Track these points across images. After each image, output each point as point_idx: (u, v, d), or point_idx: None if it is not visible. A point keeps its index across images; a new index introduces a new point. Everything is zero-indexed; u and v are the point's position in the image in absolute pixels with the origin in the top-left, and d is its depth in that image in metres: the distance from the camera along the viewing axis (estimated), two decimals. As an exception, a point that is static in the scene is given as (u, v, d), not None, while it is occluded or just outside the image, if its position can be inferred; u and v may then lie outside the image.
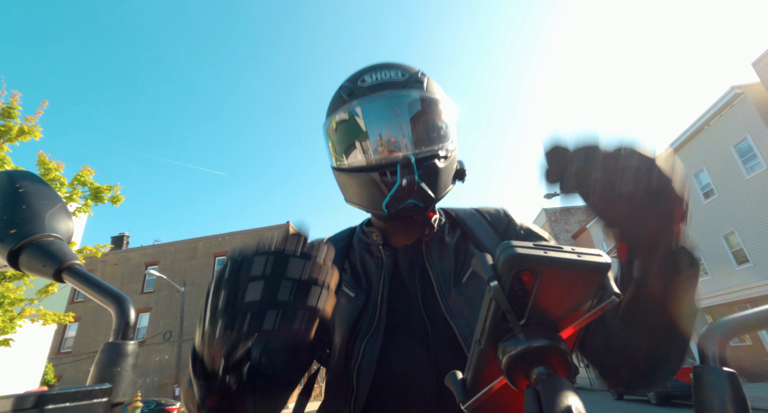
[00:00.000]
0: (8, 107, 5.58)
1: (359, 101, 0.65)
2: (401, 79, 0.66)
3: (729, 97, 13.28)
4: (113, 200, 6.43)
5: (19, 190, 0.36)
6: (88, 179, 6.14)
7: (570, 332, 0.32)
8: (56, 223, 0.36)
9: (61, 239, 0.35)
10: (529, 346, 0.29)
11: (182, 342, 16.83)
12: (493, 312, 0.31)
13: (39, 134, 5.83)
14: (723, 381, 0.28)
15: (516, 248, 0.29)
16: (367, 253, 0.75)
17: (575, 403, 0.26)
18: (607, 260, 0.30)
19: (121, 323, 0.30)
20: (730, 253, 14.25)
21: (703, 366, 0.29)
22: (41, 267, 0.33)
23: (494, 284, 0.30)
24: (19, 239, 0.33)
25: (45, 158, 5.96)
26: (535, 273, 0.29)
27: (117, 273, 23.31)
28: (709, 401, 0.27)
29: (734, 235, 13.96)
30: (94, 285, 0.32)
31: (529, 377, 0.29)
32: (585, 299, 0.31)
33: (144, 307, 22.24)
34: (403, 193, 0.62)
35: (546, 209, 32.91)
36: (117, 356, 0.29)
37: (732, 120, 13.53)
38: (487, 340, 0.32)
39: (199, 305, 15.19)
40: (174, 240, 24.64)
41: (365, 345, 0.63)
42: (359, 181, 0.66)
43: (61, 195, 5.97)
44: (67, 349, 21.15)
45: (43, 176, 5.86)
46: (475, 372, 0.34)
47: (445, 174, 0.68)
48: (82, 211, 6.17)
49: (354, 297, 0.68)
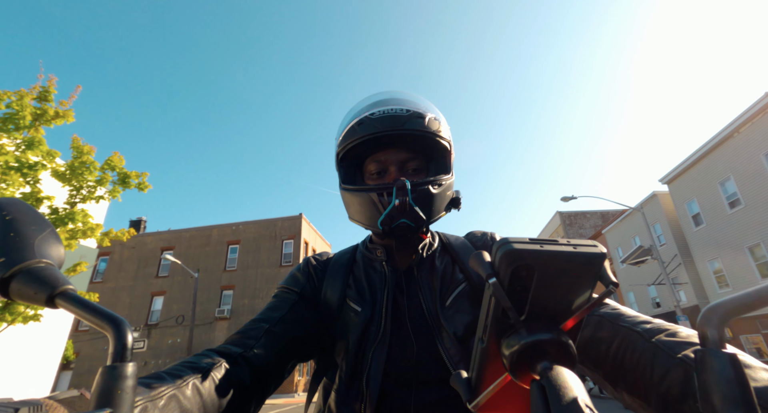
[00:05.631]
0: (45, 91, 5.72)
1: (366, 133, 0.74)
2: (405, 115, 0.73)
3: (764, 103, 12.80)
4: (140, 187, 6.55)
5: (6, 218, 0.35)
6: (118, 164, 6.28)
7: (571, 324, 0.32)
8: (46, 249, 0.35)
9: (53, 265, 0.35)
10: (532, 340, 0.29)
11: (194, 326, 17.22)
12: (493, 309, 0.32)
13: (72, 117, 5.98)
14: (725, 364, 0.27)
15: (512, 244, 0.30)
16: (371, 268, 0.81)
17: (581, 395, 0.26)
18: (603, 251, 0.30)
19: (118, 345, 0.30)
20: (754, 265, 13.83)
21: (704, 348, 0.28)
22: (33, 294, 0.32)
23: (493, 281, 0.30)
24: (9, 268, 0.32)
25: (79, 141, 6.09)
26: (532, 268, 0.30)
27: (134, 256, 23.90)
28: (712, 384, 0.27)
29: (760, 247, 13.54)
30: (90, 309, 0.31)
31: (534, 371, 0.29)
32: (583, 290, 0.31)
33: (158, 291, 22.82)
34: (396, 212, 0.69)
35: (560, 212, 32.41)
36: (117, 379, 0.28)
37: (765, 127, 13.05)
38: (489, 337, 0.33)
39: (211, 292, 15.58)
40: (189, 227, 25.07)
41: (373, 354, 0.69)
42: (360, 200, 0.73)
43: (92, 179, 6.12)
44: (84, 327, 21.83)
45: (75, 160, 6.07)
46: (480, 370, 0.34)
47: (438, 200, 0.74)
48: (113, 195, 6.32)
49: (360, 311, 0.73)
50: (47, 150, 5.52)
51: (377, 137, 0.73)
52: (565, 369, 0.28)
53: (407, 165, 0.77)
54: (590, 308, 0.32)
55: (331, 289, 0.78)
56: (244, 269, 22.64)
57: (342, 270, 0.81)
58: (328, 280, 0.80)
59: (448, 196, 0.77)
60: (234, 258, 23.21)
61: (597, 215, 32.69)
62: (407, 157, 0.76)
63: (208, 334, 21.10)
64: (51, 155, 5.58)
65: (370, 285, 0.78)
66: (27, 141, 5.37)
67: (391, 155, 0.76)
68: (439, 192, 0.73)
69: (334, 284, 0.79)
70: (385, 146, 0.76)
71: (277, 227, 23.48)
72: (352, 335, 0.71)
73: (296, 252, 22.44)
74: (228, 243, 23.64)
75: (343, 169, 0.80)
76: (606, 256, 0.31)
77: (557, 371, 0.28)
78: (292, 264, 22.10)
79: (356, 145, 0.75)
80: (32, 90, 5.64)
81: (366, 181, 0.79)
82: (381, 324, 0.71)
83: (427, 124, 0.73)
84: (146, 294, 22.86)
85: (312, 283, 0.80)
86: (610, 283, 0.31)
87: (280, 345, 0.66)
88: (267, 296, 21.48)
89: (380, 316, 0.72)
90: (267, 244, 23.08)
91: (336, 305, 0.76)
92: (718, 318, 0.28)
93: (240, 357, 0.60)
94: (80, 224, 5.92)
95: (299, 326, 0.71)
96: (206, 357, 0.56)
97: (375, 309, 0.73)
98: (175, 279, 22.89)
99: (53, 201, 5.69)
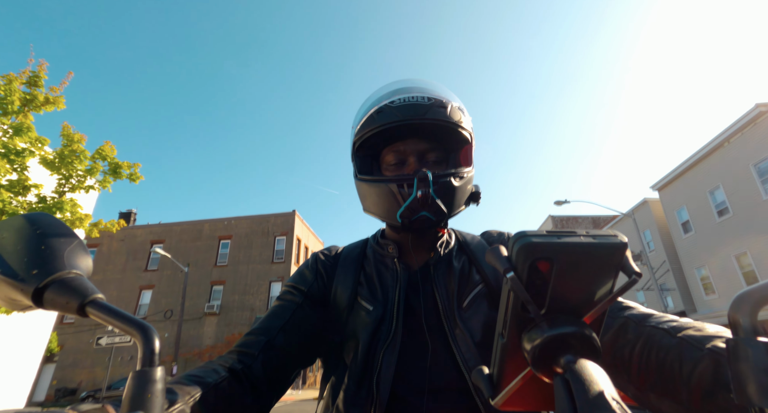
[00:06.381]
0: (35, 76, 5.59)
1: (386, 121, 0.71)
2: (426, 103, 0.70)
3: (753, 114, 13.03)
4: (131, 178, 6.45)
5: (38, 232, 0.37)
6: (109, 154, 6.17)
7: (594, 316, 0.31)
8: (75, 260, 0.37)
9: (82, 275, 0.36)
10: (554, 334, 0.29)
11: (183, 321, 17.02)
12: (512, 304, 0.31)
13: (63, 104, 5.86)
14: (760, 352, 0.26)
15: (530, 237, 0.29)
16: (383, 265, 0.78)
17: (608, 388, 0.25)
18: (624, 240, 0.30)
19: (147, 351, 0.31)
20: (740, 274, 14.09)
21: (736, 338, 0.27)
22: (65, 304, 0.34)
23: (511, 276, 0.29)
24: (42, 279, 0.34)
25: (69, 129, 5.98)
26: (551, 260, 0.29)
27: (123, 249, 23.57)
28: (747, 374, 0.26)
29: (746, 256, 13.79)
30: (119, 316, 0.33)
31: (557, 365, 0.29)
32: (605, 281, 0.30)
33: (147, 284, 22.53)
34: (418, 205, 0.66)
35: (553, 216, 32.72)
36: (147, 383, 0.30)
37: (754, 138, 13.29)
38: (510, 332, 0.32)
39: (201, 287, 15.37)
40: (180, 220, 24.78)
41: (383, 355, 0.66)
42: (378, 191, 0.71)
43: (82, 168, 6.00)
44: (69, 320, 21.48)
45: (65, 148, 5.96)
46: (501, 366, 0.33)
47: (459, 193, 0.71)
48: (103, 186, 6.21)
49: (372, 310, 0.71)
50: (36, 137, 5.40)
51: (397, 126, 0.70)
52: (590, 361, 0.28)
53: (427, 156, 0.73)
54: (613, 299, 0.31)
55: (341, 286, 0.76)
56: (235, 265, 22.46)
57: (353, 266, 0.79)
58: (338, 276, 0.78)
59: (468, 189, 0.74)
60: (225, 253, 23.01)
61: (589, 220, 33.06)
62: (427, 147, 0.73)
63: (196, 329, 20.90)
64: (40, 142, 5.47)
65: (382, 283, 0.75)
66: (15, 127, 5.25)
67: (410, 146, 0.73)
68: (461, 185, 0.71)
69: (345, 281, 0.76)
70: (405, 136, 0.73)
71: (270, 224, 23.33)
72: (363, 334, 0.69)
73: (288, 249, 22.31)
74: (219, 238, 23.42)
75: (359, 159, 0.77)
76: (627, 245, 0.30)
77: (581, 364, 0.27)
78: (284, 261, 21.98)
79: (374, 134, 0.72)
80: (21, 75, 5.51)
81: (383, 172, 0.76)
82: (393, 323, 0.69)
83: (449, 113, 0.70)
84: (134, 288, 22.57)
85: (321, 281, 0.78)
86: (633, 273, 0.30)
87: (279, 360, 0.65)
88: (258, 292, 21.37)
89: (392, 316, 0.70)
90: (259, 240, 22.92)
91: (347, 304, 0.74)
92: (750, 305, 0.27)
93: (242, 373, 0.59)
94: (68, 214, 5.81)
95: (303, 331, 0.70)
96: (213, 372, 0.56)
97: (387, 308, 0.71)
98: (165, 273, 22.62)
99: (41, 190, 5.58)
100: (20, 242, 0.36)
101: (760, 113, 12.82)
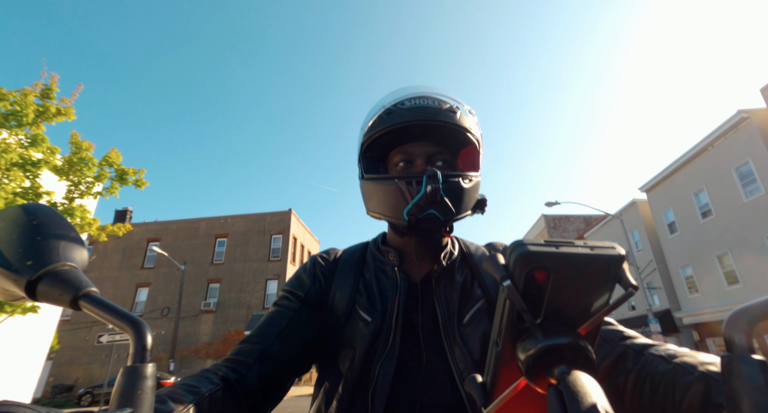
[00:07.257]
0: (47, 88, 5.83)
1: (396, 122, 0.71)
2: (437, 107, 0.70)
3: (735, 120, 13.47)
4: (137, 184, 6.68)
5: (34, 222, 0.37)
6: (115, 161, 6.41)
7: (589, 327, 0.31)
8: (70, 252, 0.37)
9: (76, 268, 0.36)
10: (548, 344, 0.29)
11: (179, 318, 17.17)
12: (508, 312, 0.31)
13: (74, 115, 6.11)
14: (754, 370, 0.26)
15: (527, 246, 0.29)
16: (382, 273, 0.76)
17: (600, 400, 0.25)
18: (621, 253, 0.30)
19: (138, 346, 0.31)
20: (722, 273, 14.55)
21: (731, 354, 0.28)
22: (58, 296, 0.33)
23: (507, 284, 0.29)
24: (36, 270, 0.34)
25: (78, 137, 6.21)
26: (548, 270, 0.29)
27: (119, 247, 23.56)
28: (741, 391, 0.26)
29: (728, 256, 14.26)
30: (112, 311, 0.33)
31: (551, 376, 0.29)
32: (601, 293, 0.31)
33: (143, 282, 22.60)
34: (426, 201, 0.65)
35: (546, 216, 33.23)
36: (137, 379, 0.30)
37: (736, 143, 13.73)
38: (504, 341, 0.32)
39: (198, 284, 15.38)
40: (176, 218, 24.85)
41: (380, 368, 0.66)
42: (385, 189, 0.69)
43: (90, 175, 6.22)
44: (66, 317, 21.52)
45: (74, 155, 6.18)
46: (495, 375, 0.33)
47: (467, 195, 0.70)
48: (110, 192, 6.44)
49: (370, 322, 0.70)
50: (48, 146, 5.63)
51: (406, 128, 0.70)
52: (584, 373, 0.27)
53: (435, 158, 0.73)
54: (609, 311, 0.31)
55: (340, 293, 0.75)
56: (231, 263, 22.60)
57: (352, 272, 0.77)
58: (337, 281, 0.77)
59: (476, 194, 0.73)
60: (221, 252, 23.13)
61: (580, 220, 33.61)
62: (435, 150, 0.73)
63: (193, 327, 21.06)
64: (52, 152, 5.70)
65: (381, 293, 0.73)
66: (31, 138, 5.48)
67: (419, 148, 0.73)
68: (470, 188, 0.70)
69: (344, 288, 0.75)
70: (414, 138, 0.73)
71: (266, 222, 23.45)
72: (360, 345, 0.68)
73: (284, 247, 22.49)
74: (216, 236, 23.51)
75: (366, 160, 0.77)
76: (625, 258, 0.30)
77: (575, 376, 0.27)
78: (280, 259, 22.18)
79: (383, 135, 0.71)
80: (35, 87, 5.73)
81: (390, 173, 0.75)
82: (390, 336, 0.68)
83: (458, 118, 0.70)
84: (131, 285, 22.64)
85: (319, 285, 0.76)
86: (629, 286, 0.30)
87: (275, 369, 0.64)
88: (254, 290, 21.55)
89: (390, 328, 0.69)
90: (255, 238, 23.06)
91: (344, 311, 0.72)
92: (745, 322, 0.27)
93: (237, 383, 0.59)
94: (78, 219, 6.04)
95: (300, 338, 0.69)
96: (208, 381, 0.55)
97: (385, 320, 0.70)
98: (161, 271, 22.71)
99: (53, 197, 5.80)
100: (16, 232, 0.36)
101: (742, 119, 13.27)
